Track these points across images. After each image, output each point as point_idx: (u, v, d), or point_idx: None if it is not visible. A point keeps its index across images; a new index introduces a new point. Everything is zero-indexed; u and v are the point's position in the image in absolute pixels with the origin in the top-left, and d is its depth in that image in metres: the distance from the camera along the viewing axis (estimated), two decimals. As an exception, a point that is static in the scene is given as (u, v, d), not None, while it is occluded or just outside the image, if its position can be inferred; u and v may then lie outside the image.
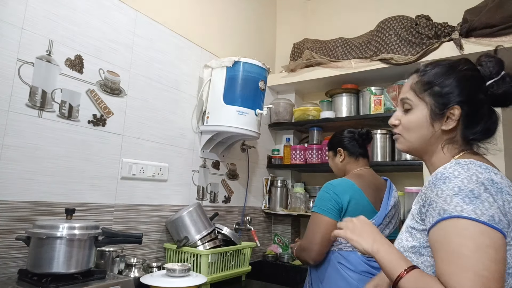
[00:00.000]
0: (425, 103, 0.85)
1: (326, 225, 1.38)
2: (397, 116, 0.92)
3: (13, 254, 1.16)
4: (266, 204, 2.46)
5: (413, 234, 0.80)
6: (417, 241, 0.79)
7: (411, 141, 0.89)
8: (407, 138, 0.89)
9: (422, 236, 0.77)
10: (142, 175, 1.60)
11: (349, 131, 1.64)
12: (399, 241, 0.85)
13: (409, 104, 0.88)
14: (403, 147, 0.91)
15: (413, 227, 0.81)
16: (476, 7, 1.89)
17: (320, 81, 2.41)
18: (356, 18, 2.59)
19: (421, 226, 0.77)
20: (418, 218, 0.79)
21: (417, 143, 0.88)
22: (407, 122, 0.89)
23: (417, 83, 0.88)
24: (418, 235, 0.79)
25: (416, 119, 0.87)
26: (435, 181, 0.74)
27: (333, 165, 1.68)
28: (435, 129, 0.84)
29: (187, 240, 1.60)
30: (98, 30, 1.46)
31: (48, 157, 1.27)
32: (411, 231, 0.81)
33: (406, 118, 0.89)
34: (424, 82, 0.87)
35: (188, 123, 1.89)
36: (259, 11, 2.64)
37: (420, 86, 0.87)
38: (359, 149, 1.60)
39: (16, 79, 1.19)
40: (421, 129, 0.86)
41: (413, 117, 0.87)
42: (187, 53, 1.91)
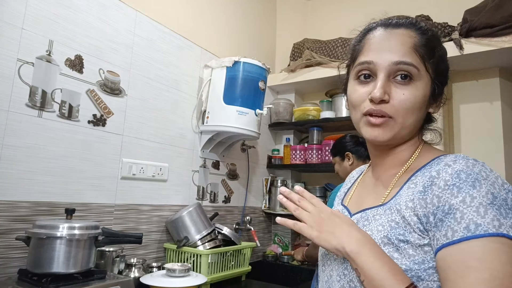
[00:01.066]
0: (429, 75, 0.63)
1: None
2: (386, 89, 0.62)
3: (13, 254, 1.16)
4: (266, 204, 2.46)
5: (404, 250, 0.57)
6: (411, 260, 0.56)
7: (404, 127, 0.63)
8: (401, 122, 0.63)
9: (418, 253, 0.56)
10: (142, 175, 1.60)
11: (351, 136, 1.75)
12: None
13: (411, 74, 0.62)
14: (389, 136, 0.63)
15: (405, 239, 0.57)
16: (476, 7, 1.88)
17: (320, 81, 2.41)
18: (356, 18, 2.59)
19: (421, 239, 0.56)
20: (417, 229, 0.57)
21: (408, 129, 0.64)
22: (410, 100, 0.61)
23: (423, 45, 0.63)
24: (411, 251, 0.57)
25: (422, 96, 0.62)
26: (458, 182, 0.54)
27: (341, 170, 1.76)
28: (424, 113, 0.66)
29: (187, 240, 1.60)
30: (98, 30, 1.46)
31: (48, 157, 1.27)
32: (399, 245, 0.58)
33: (408, 93, 0.61)
34: (430, 47, 0.64)
35: (188, 123, 1.89)
36: (259, 11, 2.64)
37: (427, 51, 0.63)
38: (365, 152, 1.69)
39: (16, 79, 1.19)
40: (420, 111, 0.64)
41: (419, 93, 0.62)
42: (187, 53, 1.91)
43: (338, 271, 0.66)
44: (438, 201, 0.55)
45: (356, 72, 0.67)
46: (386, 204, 0.64)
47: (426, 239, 0.56)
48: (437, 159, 0.62)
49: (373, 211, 0.66)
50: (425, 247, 0.56)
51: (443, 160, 0.60)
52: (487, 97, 1.97)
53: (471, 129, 2.01)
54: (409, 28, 0.65)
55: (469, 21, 1.85)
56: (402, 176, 0.66)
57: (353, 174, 0.90)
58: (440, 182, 0.56)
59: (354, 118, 0.69)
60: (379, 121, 0.63)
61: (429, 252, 0.56)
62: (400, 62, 0.61)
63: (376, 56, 0.64)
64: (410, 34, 0.64)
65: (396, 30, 0.65)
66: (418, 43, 0.63)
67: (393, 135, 0.64)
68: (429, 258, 0.56)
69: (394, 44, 0.63)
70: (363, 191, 0.77)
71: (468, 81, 2.02)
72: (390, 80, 0.63)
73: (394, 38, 0.64)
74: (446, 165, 0.58)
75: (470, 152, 1.94)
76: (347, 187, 0.86)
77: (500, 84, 1.97)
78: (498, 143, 1.91)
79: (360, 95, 0.65)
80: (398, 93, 0.62)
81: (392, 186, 0.67)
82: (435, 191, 0.56)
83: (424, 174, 0.61)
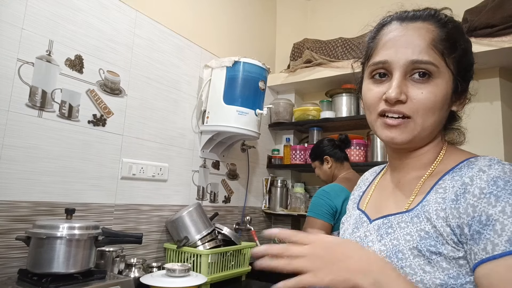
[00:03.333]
0: (450, 71, 0.59)
1: (320, 227, 1.53)
2: (403, 88, 0.58)
3: (13, 254, 1.16)
4: (266, 204, 2.46)
5: (436, 263, 0.52)
6: (445, 273, 0.51)
7: (425, 127, 0.59)
8: (421, 123, 0.58)
9: (453, 267, 0.51)
10: (142, 175, 1.60)
11: (328, 140, 1.84)
12: (406, 272, 0.55)
13: (430, 72, 0.57)
14: (408, 137, 0.59)
15: (437, 251, 0.52)
16: (476, 7, 1.88)
17: (320, 81, 2.41)
18: (356, 18, 2.59)
19: (455, 252, 0.52)
20: (451, 240, 0.52)
21: (430, 130, 0.60)
22: (430, 99, 0.57)
23: (442, 40, 0.58)
24: (444, 264, 0.52)
25: (443, 95, 0.58)
26: (496, 190, 0.50)
27: (322, 173, 1.84)
28: (446, 112, 0.61)
29: (187, 240, 1.60)
30: (98, 30, 1.46)
31: (48, 157, 1.27)
32: (431, 257, 0.53)
33: (427, 91, 0.57)
34: (452, 41, 0.59)
35: (188, 123, 1.89)
36: (259, 11, 2.64)
37: (448, 45, 0.58)
38: (342, 154, 1.80)
39: (16, 79, 1.19)
40: (441, 110, 0.59)
41: (439, 91, 0.57)
42: (187, 53, 1.90)
43: None
44: (473, 211, 0.50)
45: (370, 71, 0.64)
46: (411, 210, 0.59)
47: (461, 251, 0.51)
48: (466, 162, 0.58)
49: (397, 217, 0.61)
50: (460, 260, 0.51)
51: (474, 163, 0.56)
52: (487, 97, 1.97)
53: (471, 129, 2.00)
54: (427, 21, 0.60)
55: (469, 21, 1.85)
56: (427, 180, 0.61)
57: (367, 176, 0.84)
58: (474, 189, 0.51)
59: (369, 119, 0.65)
60: (396, 122, 0.59)
61: (465, 266, 0.51)
62: (417, 61, 0.57)
63: (391, 55, 0.59)
64: (428, 27, 0.59)
65: (412, 24, 0.60)
66: (437, 37, 0.58)
67: (412, 137, 0.59)
68: (464, 272, 0.51)
69: (410, 40, 0.58)
70: (381, 195, 0.72)
71: (468, 81, 2.03)
72: (406, 79, 0.58)
73: (411, 33, 0.59)
74: (480, 171, 0.53)
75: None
76: (362, 190, 0.81)
77: (500, 84, 1.97)
78: (498, 143, 1.91)
79: (374, 95, 0.61)
80: (416, 92, 0.57)
81: (416, 192, 0.61)
82: (469, 200, 0.51)
83: (454, 178, 0.57)
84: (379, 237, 0.62)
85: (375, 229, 0.64)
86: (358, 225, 0.71)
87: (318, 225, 1.53)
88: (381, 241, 0.61)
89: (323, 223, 1.52)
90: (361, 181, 0.85)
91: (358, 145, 2.16)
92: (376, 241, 0.62)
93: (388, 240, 0.59)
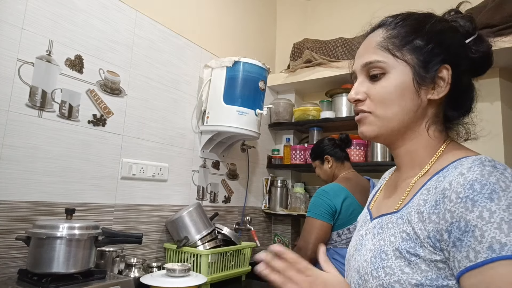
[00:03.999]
0: (405, 63, 0.62)
1: (319, 227, 1.52)
2: (359, 89, 0.66)
3: (13, 254, 1.16)
4: (266, 204, 2.46)
5: (416, 265, 0.53)
6: (423, 275, 0.52)
7: (388, 119, 0.63)
8: (382, 115, 0.63)
9: (432, 269, 0.52)
10: (142, 175, 1.60)
11: (329, 139, 1.82)
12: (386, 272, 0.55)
13: (381, 68, 0.63)
14: (374, 129, 0.64)
15: (415, 253, 0.53)
16: (476, 7, 1.88)
17: (320, 81, 2.41)
18: (356, 18, 2.59)
19: (432, 255, 0.52)
20: (427, 244, 0.53)
21: (396, 120, 0.63)
22: (381, 93, 0.63)
23: (389, 38, 0.64)
24: (423, 266, 0.53)
25: (395, 86, 0.62)
26: (472, 194, 0.49)
27: (322, 172, 1.81)
28: (421, 100, 0.62)
29: (187, 240, 1.60)
30: (98, 30, 1.46)
31: (48, 157, 1.27)
32: (410, 259, 0.54)
33: (378, 87, 0.63)
34: (401, 35, 0.63)
35: (188, 123, 1.89)
36: (259, 11, 2.64)
37: (396, 41, 0.63)
38: (342, 153, 1.77)
39: (16, 79, 1.19)
40: (402, 100, 0.62)
41: (390, 84, 0.62)
42: (187, 53, 1.90)
43: (354, 279, 0.64)
44: (451, 217, 0.50)
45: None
46: (399, 211, 0.61)
47: (438, 255, 0.52)
48: (457, 162, 0.57)
49: (387, 218, 0.62)
50: (438, 263, 0.52)
51: (461, 164, 0.55)
52: (487, 97, 1.97)
53: (471, 129, 2.00)
54: (376, 30, 0.68)
55: (469, 21, 1.85)
56: (418, 180, 0.62)
57: (385, 174, 0.85)
58: (451, 194, 0.51)
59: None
60: (358, 117, 0.67)
61: (443, 269, 0.52)
62: (366, 63, 0.65)
63: (355, 65, 0.70)
64: (376, 34, 0.67)
65: (369, 36, 0.69)
66: (384, 38, 0.65)
67: (378, 129, 0.64)
68: (443, 275, 0.51)
69: (363, 49, 0.68)
70: (384, 194, 0.74)
71: (468, 81, 2.02)
72: (368, 81, 0.66)
73: (364, 43, 0.69)
74: (459, 174, 0.52)
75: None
76: (377, 188, 0.82)
77: (500, 84, 1.97)
78: (498, 143, 1.91)
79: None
80: (371, 89, 0.65)
81: (408, 192, 0.62)
82: (446, 205, 0.51)
83: (438, 179, 0.57)
84: (372, 236, 0.64)
85: (371, 228, 0.66)
86: (363, 223, 0.73)
87: (317, 225, 1.52)
88: (372, 240, 0.63)
89: (322, 223, 1.51)
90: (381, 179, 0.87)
91: (358, 145, 2.16)
92: (370, 239, 0.64)
93: (377, 240, 0.61)
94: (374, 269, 0.57)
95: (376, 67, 0.64)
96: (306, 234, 1.54)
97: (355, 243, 0.71)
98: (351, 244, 0.73)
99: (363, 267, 0.61)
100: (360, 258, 0.64)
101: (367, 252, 0.62)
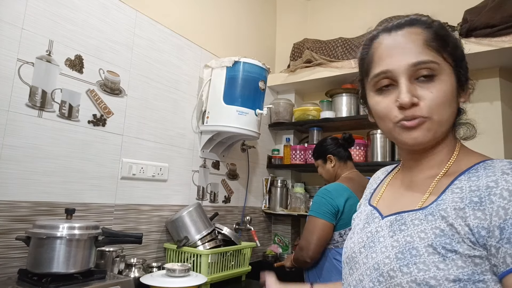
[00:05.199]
0: (450, 66, 0.61)
1: (322, 227, 1.50)
2: (412, 91, 0.60)
3: (13, 254, 1.16)
4: (266, 204, 2.46)
5: (452, 261, 0.53)
6: (459, 271, 0.53)
7: (442, 124, 0.61)
8: (439, 120, 0.60)
9: (468, 265, 0.53)
10: (142, 175, 1.60)
11: (332, 139, 1.80)
12: (419, 268, 0.55)
13: (433, 69, 0.59)
14: (430, 135, 0.61)
15: (452, 249, 0.54)
16: (476, 7, 1.88)
17: (320, 81, 2.41)
18: (356, 18, 2.59)
19: (471, 250, 0.53)
20: (467, 239, 0.53)
21: (447, 125, 0.62)
22: (440, 97, 0.59)
23: (433, 38, 0.61)
24: (460, 262, 0.53)
25: (449, 89, 0.60)
26: None
27: (324, 172, 1.79)
28: (457, 103, 0.63)
29: (187, 240, 1.60)
30: (98, 30, 1.46)
31: (48, 157, 1.27)
32: (446, 255, 0.54)
33: (435, 90, 0.59)
34: (441, 37, 0.61)
35: (188, 123, 1.89)
36: (259, 11, 2.64)
37: (439, 42, 0.61)
38: (345, 153, 1.75)
39: (16, 79, 1.19)
40: (452, 103, 0.61)
41: (446, 87, 0.60)
42: (187, 53, 1.90)
43: (370, 276, 0.63)
44: (505, 213, 0.51)
45: (373, 84, 0.65)
46: (425, 208, 0.60)
47: (478, 251, 0.53)
48: (482, 164, 0.59)
49: (411, 215, 0.62)
50: (476, 259, 0.53)
51: (491, 165, 0.58)
52: (487, 97, 1.97)
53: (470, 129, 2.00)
54: (412, 26, 0.63)
55: (469, 21, 1.85)
56: (441, 179, 0.63)
57: (378, 174, 0.86)
58: (502, 192, 0.52)
59: (385, 128, 0.66)
60: (415, 123, 0.60)
61: (480, 265, 0.52)
62: (418, 62, 0.59)
63: (391, 63, 0.62)
64: (416, 31, 0.62)
65: (400, 31, 0.63)
66: (428, 37, 0.61)
67: (433, 135, 0.61)
68: (479, 271, 0.52)
69: (404, 46, 0.61)
70: (394, 193, 0.73)
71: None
72: (413, 82, 0.60)
73: (402, 40, 0.62)
74: (504, 173, 0.54)
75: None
76: (373, 187, 0.82)
77: (500, 84, 1.97)
78: (498, 143, 1.91)
79: (385, 106, 0.63)
80: (426, 92, 0.59)
81: (430, 190, 0.63)
82: (498, 202, 0.52)
83: (471, 179, 0.58)
84: (391, 233, 0.63)
85: (387, 225, 0.65)
86: (369, 220, 0.72)
87: (320, 224, 1.50)
88: (393, 237, 0.62)
89: (325, 223, 1.50)
90: (373, 179, 0.87)
91: (358, 145, 2.16)
92: (387, 236, 0.63)
93: (402, 236, 0.60)
94: (404, 265, 0.57)
95: (428, 68, 0.59)
96: (308, 233, 1.53)
97: (362, 240, 0.69)
98: (352, 242, 0.72)
99: (386, 263, 0.60)
100: (376, 255, 0.63)
101: (388, 249, 0.61)
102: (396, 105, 0.61)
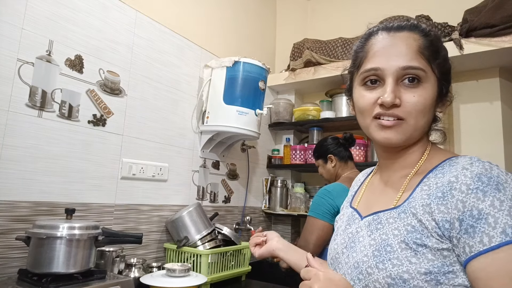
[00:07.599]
0: (435, 76, 0.64)
1: (321, 227, 1.50)
2: (396, 93, 0.62)
3: (13, 254, 1.16)
4: (266, 204, 2.46)
5: (422, 255, 0.56)
6: (430, 264, 0.56)
7: (416, 128, 0.64)
8: (414, 124, 0.63)
9: (437, 258, 0.56)
10: (142, 175, 1.60)
11: (332, 138, 1.79)
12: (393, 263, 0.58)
13: (419, 76, 0.62)
14: (402, 138, 0.64)
15: (422, 243, 0.57)
16: (476, 7, 1.88)
17: (320, 81, 2.41)
18: (356, 18, 2.59)
19: (439, 244, 0.56)
20: (435, 233, 0.56)
21: (420, 131, 0.65)
22: (421, 102, 0.62)
23: (427, 47, 0.64)
24: (430, 255, 0.56)
25: (430, 97, 0.63)
26: (482, 186, 0.54)
27: (325, 172, 1.79)
28: (434, 112, 0.67)
29: (187, 240, 1.60)
30: (98, 30, 1.46)
31: (48, 157, 1.27)
32: (417, 249, 0.57)
33: (418, 95, 0.62)
34: (434, 48, 0.64)
35: (188, 123, 1.89)
36: (259, 11, 2.64)
37: (432, 52, 0.64)
38: (346, 153, 1.75)
39: (16, 79, 1.19)
40: (430, 112, 0.64)
41: (427, 94, 0.62)
42: (187, 53, 1.90)
43: (351, 275, 0.65)
44: (463, 206, 0.54)
45: (362, 78, 0.68)
46: (399, 207, 0.64)
47: (445, 243, 0.56)
48: (448, 161, 0.63)
49: (386, 214, 0.65)
50: (444, 251, 0.56)
51: (455, 161, 0.61)
52: (487, 97, 1.96)
53: (471, 129, 2.01)
54: (412, 31, 0.65)
55: (469, 21, 1.85)
56: (412, 178, 0.66)
57: (359, 177, 0.90)
58: (461, 186, 0.56)
59: (363, 123, 0.69)
60: (391, 123, 0.63)
61: (448, 257, 0.56)
62: (408, 67, 0.62)
63: (383, 62, 0.64)
64: (414, 36, 0.64)
65: (399, 33, 0.65)
66: (422, 45, 0.64)
67: (406, 137, 0.64)
68: (448, 262, 0.56)
69: (400, 48, 0.64)
70: (372, 193, 0.77)
71: (468, 81, 2.02)
72: (398, 84, 0.63)
73: (399, 42, 0.64)
74: (463, 169, 0.57)
75: (469, 152, 1.94)
76: (354, 189, 0.86)
77: (500, 84, 1.97)
78: (498, 143, 1.91)
79: (368, 100, 0.66)
80: (409, 95, 0.62)
81: (403, 189, 0.66)
82: (457, 196, 0.55)
83: (437, 176, 0.61)
84: (369, 232, 0.66)
85: (365, 225, 0.68)
86: (350, 222, 0.75)
87: (319, 225, 1.50)
88: (370, 236, 0.65)
89: (324, 224, 1.49)
90: (354, 182, 0.91)
91: (359, 145, 2.16)
92: (366, 236, 0.66)
93: (378, 235, 0.64)
94: (380, 261, 0.60)
95: (415, 74, 0.62)
96: (307, 234, 1.53)
97: (344, 241, 0.72)
98: (336, 243, 0.75)
99: (364, 261, 0.63)
100: (356, 254, 0.66)
101: (366, 248, 0.64)
102: (379, 102, 0.64)
